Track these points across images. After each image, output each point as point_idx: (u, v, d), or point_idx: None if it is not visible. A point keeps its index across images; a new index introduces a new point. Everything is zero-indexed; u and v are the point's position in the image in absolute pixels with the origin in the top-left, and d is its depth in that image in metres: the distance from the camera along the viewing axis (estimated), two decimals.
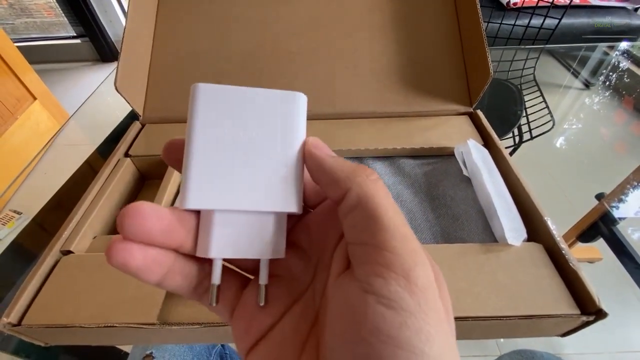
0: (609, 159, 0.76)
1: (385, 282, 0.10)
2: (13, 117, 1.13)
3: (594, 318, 0.22)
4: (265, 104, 0.12)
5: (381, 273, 0.10)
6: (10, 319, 0.23)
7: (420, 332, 0.09)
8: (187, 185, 0.11)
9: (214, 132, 0.12)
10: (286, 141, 0.13)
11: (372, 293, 0.10)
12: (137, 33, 0.41)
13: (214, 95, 0.12)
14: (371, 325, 0.09)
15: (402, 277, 0.10)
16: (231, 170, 0.12)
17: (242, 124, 0.12)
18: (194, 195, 0.11)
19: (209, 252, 0.12)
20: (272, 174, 0.12)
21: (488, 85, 0.36)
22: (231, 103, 0.12)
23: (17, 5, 1.64)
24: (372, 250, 0.10)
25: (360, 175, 0.11)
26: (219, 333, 0.24)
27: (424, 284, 0.10)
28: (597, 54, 0.87)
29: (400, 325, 0.09)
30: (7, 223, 0.90)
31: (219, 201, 0.12)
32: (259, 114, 0.12)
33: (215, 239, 0.12)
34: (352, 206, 0.11)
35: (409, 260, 0.10)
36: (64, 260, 0.27)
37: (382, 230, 0.10)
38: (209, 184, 0.12)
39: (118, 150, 0.36)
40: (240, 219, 0.12)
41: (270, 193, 0.12)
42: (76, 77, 1.67)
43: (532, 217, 0.28)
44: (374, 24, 0.42)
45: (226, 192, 0.12)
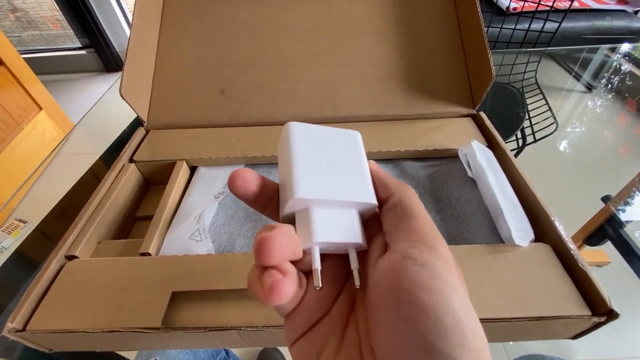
0: (614, 162, 0.76)
1: (419, 251, 0.13)
2: (19, 127, 1.15)
3: (606, 319, 0.21)
4: (337, 136, 0.18)
5: (416, 246, 0.13)
6: (14, 324, 0.23)
7: (447, 282, 0.12)
8: (294, 183, 0.15)
9: (306, 150, 0.16)
10: (355, 159, 0.17)
11: (410, 258, 0.13)
12: (142, 41, 0.41)
13: (303, 128, 0.17)
14: (410, 278, 0.12)
15: (431, 248, 0.13)
16: (323, 173, 0.16)
17: (325, 146, 0.17)
18: (302, 189, 0.15)
19: (312, 237, 0.14)
20: (352, 179, 0.16)
21: (490, 89, 0.36)
22: (314, 133, 0.17)
23: (23, 18, 1.67)
24: (409, 232, 0.14)
25: (403, 187, 0.16)
26: (223, 338, 0.24)
27: (447, 256, 0.13)
28: (599, 57, 0.87)
29: (432, 277, 0.12)
30: (12, 232, 0.90)
31: (320, 193, 0.15)
32: (334, 141, 0.17)
33: (316, 228, 0.15)
34: (394, 204, 0.15)
35: (435, 240, 0.14)
36: (69, 266, 0.27)
37: (416, 220, 0.14)
38: (311, 182, 0.15)
39: (123, 156, 0.36)
40: (332, 212, 0.15)
41: (355, 190, 0.16)
42: (81, 87, 1.69)
43: (538, 217, 0.27)
44: (375, 29, 0.43)
45: (323, 187, 0.15)
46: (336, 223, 0.15)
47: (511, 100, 0.66)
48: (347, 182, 0.16)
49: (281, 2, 0.45)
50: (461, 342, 0.11)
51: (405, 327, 0.12)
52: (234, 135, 0.38)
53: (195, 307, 0.24)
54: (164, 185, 0.34)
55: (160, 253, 0.29)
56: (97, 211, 0.31)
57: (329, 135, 0.17)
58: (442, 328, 0.11)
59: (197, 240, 0.29)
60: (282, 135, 0.17)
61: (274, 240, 0.12)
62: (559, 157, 0.71)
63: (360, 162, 0.17)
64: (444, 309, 0.11)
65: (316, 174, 0.15)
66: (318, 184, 0.15)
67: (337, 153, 0.17)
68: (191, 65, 0.43)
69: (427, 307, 0.11)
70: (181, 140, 0.39)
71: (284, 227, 0.13)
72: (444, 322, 0.11)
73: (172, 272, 0.25)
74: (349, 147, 0.18)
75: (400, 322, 0.12)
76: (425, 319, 0.11)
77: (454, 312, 0.11)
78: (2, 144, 1.09)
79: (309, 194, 0.15)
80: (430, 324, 0.11)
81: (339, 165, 0.16)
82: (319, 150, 0.16)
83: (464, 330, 0.11)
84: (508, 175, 0.31)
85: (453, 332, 0.11)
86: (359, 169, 0.17)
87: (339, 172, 0.16)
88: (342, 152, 0.17)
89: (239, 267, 0.25)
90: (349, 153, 0.17)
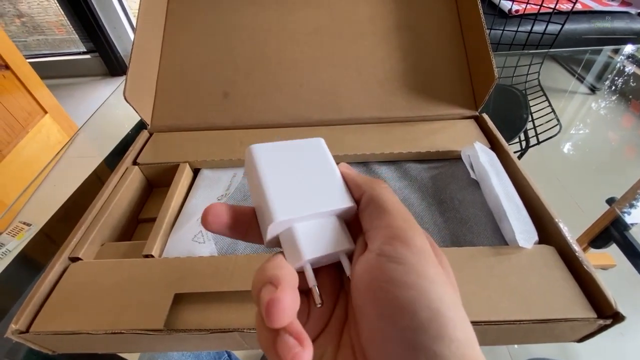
0: (618, 164, 0.75)
1: (392, 247, 0.13)
2: (24, 130, 1.16)
3: (611, 322, 0.21)
4: (300, 148, 0.18)
5: (389, 242, 0.13)
6: (18, 325, 0.23)
7: (423, 275, 0.12)
8: (271, 207, 0.15)
9: (274, 170, 0.16)
10: (325, 167, 0.17)
11: (384, 255, 0.13)
12: (146, 44, 0.42)
13: (264, 149, 0.17)
14: (386, 276, 0.12)
15: (404, 242, 0.13)
16: (297, 189, 0.16)
17: (291, 161, 0.17)
18: (279, 211, 0.15)
19: (302, 257, 0.14)
20: (326, 187, 0.16)
21: (492, 91, 0.36)
22: (278, 153, 0.17)
23: (29, 23, 1.70)
24: (383, 229, 0.14)
25: (373, 183, 0.16)
26: (226, 340, 0.24)
27: (421, 246, 0.13)
28: (602, 58, 0.87)
29: (406, 272, 0.12)
30: (17, 234, 0.91)
31: (298, 210, 0.15)
32: (299, 154, 0.17)
33: (303, 246, 0.15)
34: (367, 202, 0.15)
35: (409, 233, 0.13)
36: (73, 267, 0.27)
37: (389, 215, 0.14)
38: (286, 202, 0.15)
39: (126, 159, 0.36)
40: (314, 224, 0.15)
41: (331, 197, 0.16)
42: (86, 91, 1.71)
43: (543, 219, 0.27)
44: (377, 31, 0.43)
45: (299, 204, 0.15)
46: (322, 235, 0.15)
47: (514, 102, 0.66)
48: (322, 191, 0.16)
49: (284, 6, 0.45)
50: (440, 335, 0.11)
51: (385, 325, 0.12)
52: (237, 138, 0.39)
53: (198, 309, 0.24)
54: (167, 187, 0.34)
55: (163, 255, 0.29)
56: (101, 213, 0.31)
57: (292, 149, 0.17)
58: (420, 323, 0.11)
59: (200, 242, 0.29)
60: (247, 160, 0.17)
61: (282, 302, 0.12)
62: (563, 159, 0.71)
63: (329, 168, 0.17)
64: (421, 303, 0.11)
65: (290, 191, 0.15)
66: (294, 202, 0.15)
67: (305, 165, 0.17)
68: (194, 68, 0.43)
69: (404, 304, 0.11)
70: (184, 142, 0.39)
71: (285, 279, 0.13)
72: (421, 317, 0.11)
73: (175, 274, 0.25)
74: (316, 155, 0.18)
75: (380, 322, 0.12)
76: (402, 316, 0.11)
77: (431, 305, 0.11)
78: (8, 148, 1.10)
79: (287, 214, 0.15)
80: (408, 320, 0.11)
81: (310, 176, 0.16)
82: (286, 167, 0.16)
83: (443, 321, 0.11)
84: (511, 177, 0.31)
85: (430, 325, 0.11)
86: (330, 175, 0.17)
87: (312, 184, 0.16)
88: (309, 162, 0.17)
89: (241, 269, 0.25)
90: (317, 162, 0.17)
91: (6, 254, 0.89)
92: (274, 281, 0.13)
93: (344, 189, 0.16)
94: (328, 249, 0.15)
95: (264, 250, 0.29)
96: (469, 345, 0.11)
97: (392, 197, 0.15)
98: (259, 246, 0.30)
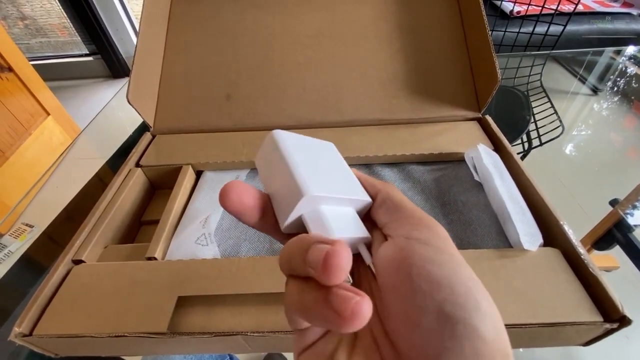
0: (621, 165, 0.75)
1: (420, 232, 0.14)
2: (27, 132, 1.16)
3: (618, 325, 0.21)
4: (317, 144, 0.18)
5: (416, 228, 0.14)
6: (21, 328, 0.23)
7: (452, 256, 0.13)
8: (302, 182, 0.15)
9: (300, 154, 0.16)
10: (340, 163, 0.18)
11: (413, 238, 0.14)
12: (149, 47, 0.42)
13: (288, 136, 0.17)
14: (419, 255, 0.13)
15: (430, 229, 0.14)
16: (322, 174, 0.16)
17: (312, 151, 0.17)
18: (312, 186, 0.14)
19: (333, 234, 0.14)
20: (345, 179, 0.17)
21: (495, 93, 0.36)
22: (298, 141, 0.17)
23: (32, 26, 1.70)
24: (406, 219, 0.15)
25: (387, 185, 0.17)
26: (229, 343, 0.24)
27: (444, 235, 0.14)
28: (604, 59, 0.87)
29: (438, 252, 0.13)
30: (20, 236, 0.91)
31: (327, 190, 0.15)
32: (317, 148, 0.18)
33: (333, 224, 0.15)
34: (383, 199, 0.16)
35: (431, 222, 0.15)
36: (76, 270, 0.27)
37: (408, 210, 0.15)
38: (316, 179, 0.15)
39: (129, 161, 0.36)
40: (337, 210, 0.16)
41: (352, 188, 0.17)
42: (88, 93, 1.71)
43: (547, 221, 0.27)
44: (379, 34, 0.43)
45: (328, 185, 0.15)
46: (345, 220, 0.15)
47: (516, 103, 0.65)
48: (343, 182, 0.17)
49: (286, 9, 0.45)
50: (476, 308, 0.11)
51: (421, 299, 0.12)
52: (240, 140, 0.39)
53: (201, 312, 0.24)
54: (170, 189, 0.34)
55: (166, 257, 0.29)
56: (104, 216, 0.31)
57: (310, 142, 0.18)
58: (457, 296, 0.12)
59: (203, 244, 0.29)
60: (267, 144, 0.17)
61: (341, 254, 0.11)
62: (565, 160, 0.70)
63: (345, 167, 0.18)
64: (456, 279, 0.12)
65: (317, 174, 0.16)
66: (323, 183, 0.15)
67: (324, 158, 0.18)
68: (197, 71, 0.44)
69: (440, 278, 0.12)
70: (187, 145, 0.39)
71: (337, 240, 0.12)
72: (458, 291, 0.12)
73: (178, 276, 0.25)
74: (331, 153, 0.18)
75: (415, 296, 0.12)
76: (439, 289, 0.12)
77: (465, 282, 0.12)
78: (11, 149, 1.10)
79: (319, 191, 0.15)
80: (446, 293, 0.12)
81: (331, 168, 0.17)
82: (309, 154, 0.17)
83: (477, 296, 0.12)
84: (515, 179, 0.31)
85: (467, 299, 0.12)
86: (346, 171, 0.18)
87: (333, 174, 0.17)
88: (327, 157, 0.18)
89: (244, 271, 0.25)
90: (333, 158, 0.18)
91: (9, 256, 0.90)
92: (323, 240, 0.12)
93: (360, 185, 0.17)
94: (353, 233, 0.15)
95: (266, 252, 0.29)
96: (499, 320, 0.12)
97: (405, 197, 0.16)
98: (261, 248, 0.30)
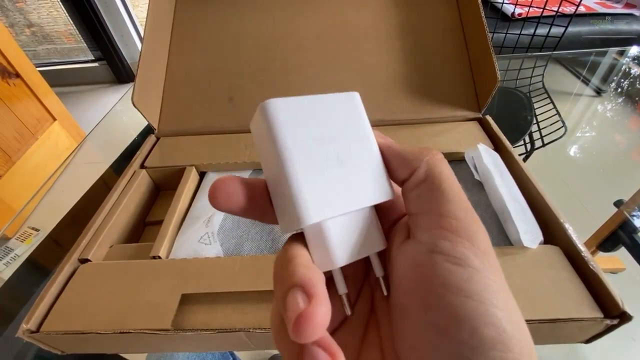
0: (626, 166, 0.74)
1: (451, 244, 0.11)
2: (34, 137, 1.18)
3: (618, 322, 0.21)
4: (330, 108, 0.13)
5: (447, 237, 0.11)
6: (29, 325, 0.23)
7: (487, 286, 0.10)
8: (298, 203, 0.11)
9: (298, 141, 0.12)
10: (361, 137, 0.13)
11: (439, 253, 0.11)
12: (153, 51, 0.43)
13: (284, 107, 0.12)
14: (441, 280, 0.10)
15: (467, 240, 0.11)
16: (327, 176, 0.12)
17: (319, 132, 0.13)
18: (311, 210, 0.11)
19: (334, 264, 0.12)
20: (362, 171, 0.13)
21: (496, 94, 0.36)
22: (302, 113, 0.12)
23: (39, 33, 1.73)
24: (438, 218, 0.11)
25: (428, 154, 0.12)
26: (232, 340, 0.24)
27: (486, 247, 0.11)
28: (607, 60, 0.86)
29: (468, 278, 0.10)
30: (25, 240, 0.92)
31: (331, 209, 0.12)
32: (329, 119, 0.13)
33: (336, 250, 0.12)
34: (420, 180, 0.12)
35: (473, 228, 0.11)
36: (82, 269, 0.27)
37: (449, 201, 0.11)
38: (317, 196, 0.12)
39: (134, 163, 0.37)
40: (347, 221, 0.13)
41: (369, 188, 0.13)
42: (94, 99, 1.74)
43: (547, 219, 0.27)
44: (379, 35, 0.43)
45: (334, 198, 0.12)
46: (355, 234, 0.13)
47: (518, 104, 0.66)
48: (359, 179, 0.13)
49: (287, 12, 0.46)
50: (503, 357, 0.09)
51: (434, 337, 0.10)
52: (242, 142, 0.39)
53: (205, 310, 0.24)
54: (173, 190, 0.34)
55: (170, 256, 0.29)
56: (109, 216, 0.32)
57: (320, 109, 0.13)
58: (481, 341, 0.09)
59: (206, 243, 0.30)
60: (257, 121, 0.13)
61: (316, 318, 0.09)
62: (569, 162, 0.70)
63: (366, 140, 0.13)
64: (484, 318, 0.10)
65: (320, 180, 0.12)
66: (327, 196, 0.12)
67: (337, 137, 0.13)
68: (200, 74, 0.44)
69: (463, 316, 0.10)
70: (190, 146, 0.39)
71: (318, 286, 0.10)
72: (483, 335, 0.09)
73: (182, 274, 0.26)
74: (350, 122, 0.13)
75: (428, 331, 0.10)
76: (459, 329, 0.10)
77: (496, 323, 0.09)
78: (17, 154, 1.12)
79: (320, 215, 0.12)
80: (466, 335, 0.09)
81: (344, 154, 0.13)
82: (314, 139, 0.12)
83: (508, 343, 0.09)
84: (515, 178, 0.31)
85: (494, 346, 0.09)
86: (367, 151, 0.13)
87: (347, 167, 0.13)
88: (343, 132, 0.13)
89: (247, 269, 0.25)
90: (352, 131, 0.13)
91: (15, 259, 0.91)
92: (305, 286, 0.10)
93: (383, 172, 0.13)
94: (362, 252, 0.13)
95: (268, 251, 0.30)
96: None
97: (451, 175, 0.12)
98: (264, 247, 0.30)
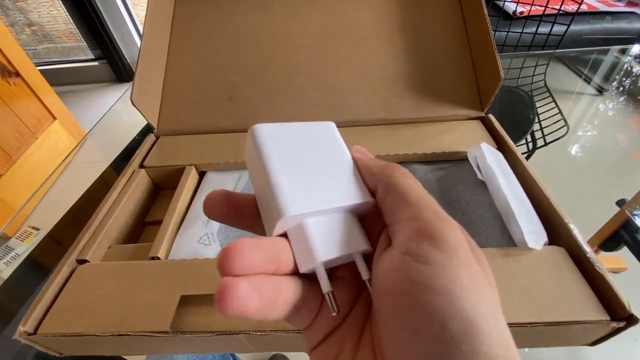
0: (628, 165, 0.74)
1: (418, 245, 0.11)
2: (34, 136, 1.18)
3: (625, 324, 0.21)
4: (309, 132, 0.16)
5: (414, 238, 0.11)
6: (26, 327, 0.23)
7: (454, 280, 0.10)
8: (279, 200, 0.13)
9: (281, 155, 0.14)
10: (336, 151, 0.16)
11: (409, 254, 0.11)
12: (152, 50, 0.42)
13: (270, 130, 0.15)
14: (411, 279, 0.11)
15: (433, 238, 0.11)
16: (307, 180, 0.14)
17: (300, 146, 0.15)
18: (290, 205, 0.13)
19: (314, 259, 0.13)
20: (338, 178, 0.15)
21: (498, 92, 0.36)
22: (284, 134, 0.15)
23: (39, 32, 1.73)
24: (406, 222, 0.12)
25: (388, 169, 0.14)
26: (232, 342, 0.24)
27: (455, 243, 0.11)
28: (609, 59, 0.86)
29: (434, 275, 0.10)
30: (26, 239, 0.92)
31: (310, 205, 0.13)
32: (308, 139, 0.15)
33: (317, 245, 0.13)
34: (384, 192, 0.13)
35: (440, 226, 0.12)
36: (80, 269, 0.27)
37: (412, 206, 0.12)
38: (297, 194, 0.13)
39: (133, 162, 0.37)
40: (327, 221, 0.14)
41: (346, 190, 0.14)
42: (94, 97, 1.73)
43: (552, 220, 0.27)
44: (381, 34, 0.43)
45: (311, 197, 0.13)
46: (336, 233, 0.14)
47: (520, 103, 0.65)
48: (336, 183, 0.14)
49: (288, 10, 0.45)
50: (474, 351, 0.09)
51: (408, 336, 0.10)
52: (242, 141, 0.39)
53: (204, 311, 0.24)
54: (173, 190, 0.34)
55: (169, 257, 0.29)
56: (108, 216, 0.31)
57: (300, 132, 0.15)
58: (450, 335, 0.10)
59: (206, 244, 0.30)
60: (249, 142, 0.15)
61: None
62: (571, 161, 0.70)
63: (342, 156, 0.15)
64: (452, 311, 0.10)
65: (299, 183, 0.14)
66: (305, 195, 0.13)
67: (315, 152, 0.15)
68: (200, 73, 0.44)
69: (431, 311, 0.10)
70: (190, 146, 0.39)
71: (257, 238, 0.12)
72: (451, 329, 0.10)
73: (181, 275, 0.25)
74: (327, 142, 0.16)
75: (402, 331, 0.10)
76: (429, 326, 0.10)
77: (464, 315, 0.10)
78: (17, 153, 1.11)
79: (299, 209, 0.13)
80: (436, 331, 0.10)
81: (322, 165, 0.15)
82: (294, 152, 0.14)
83: (478, 335, 0.10)
84: (519, 178, 0.30)
85: (463, 339, 0.10)
86: (343, 164, 0.15)
87: (324, 174, 0.14)
88: (320, 149, 0.15)
89: None
90: (328, 148, 0.15)
91: (15, 258, 0.90)
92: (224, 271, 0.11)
93: (359, 180, 0.15)
94: (343, 249, 0.13)
95: None
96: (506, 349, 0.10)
97: (413, 184, 0.13)
98: None
